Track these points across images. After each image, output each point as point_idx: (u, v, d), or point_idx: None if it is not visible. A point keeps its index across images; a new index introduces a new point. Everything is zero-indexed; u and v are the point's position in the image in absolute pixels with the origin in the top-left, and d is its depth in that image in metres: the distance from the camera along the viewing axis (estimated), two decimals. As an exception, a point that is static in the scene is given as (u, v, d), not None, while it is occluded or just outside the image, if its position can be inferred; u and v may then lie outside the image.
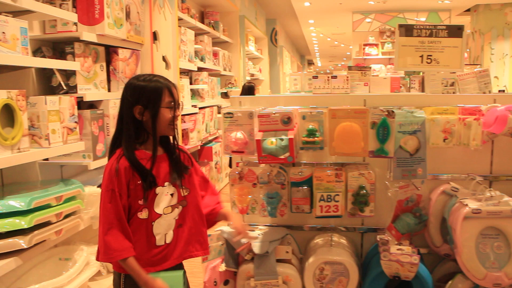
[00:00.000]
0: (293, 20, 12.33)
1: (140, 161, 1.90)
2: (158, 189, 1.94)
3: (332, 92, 3.73)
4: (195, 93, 6.10)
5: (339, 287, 2.37)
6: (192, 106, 5.73)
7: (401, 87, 4.58)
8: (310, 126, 2.30)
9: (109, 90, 3.67)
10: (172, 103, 1.93)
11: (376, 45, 10.69)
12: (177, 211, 2.00)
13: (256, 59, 9.90)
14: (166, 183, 1.96)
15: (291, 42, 17.61)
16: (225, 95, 7.47)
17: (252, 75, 9.21)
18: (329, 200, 2.33)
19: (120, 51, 3.73)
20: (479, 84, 2.57)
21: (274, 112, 2.29)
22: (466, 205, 2.21)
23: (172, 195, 1.98)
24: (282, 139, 2.22)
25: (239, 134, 2.35)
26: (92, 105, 3.43)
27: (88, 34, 3.23)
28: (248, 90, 6.66)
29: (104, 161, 3.39)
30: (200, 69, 6.14)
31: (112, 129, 3.48)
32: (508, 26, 9.88)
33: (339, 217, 2.38)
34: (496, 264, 2.23)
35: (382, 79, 4.34)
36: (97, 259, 1.90)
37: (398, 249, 2.27)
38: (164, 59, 4.78)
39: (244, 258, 2.39)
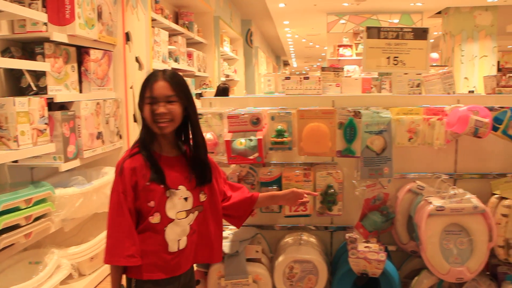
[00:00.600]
0: (268, 21, 12.38)
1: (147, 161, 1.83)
2: (170, 192, 1.84)
3: (305, 92, 3.79)
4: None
5: (309, 285, 2.40)
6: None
7: (372, 87, 4.66)
8: (279, 127, 2.34)
9: (80, 91, 3.64)
10: (151, 99, 1.80)
11: (350, 46, 10.81)
12: (192, 216, 1.91)
13: (231, 60, 9.90)
14: (180, 187, 1.87)
15: (267, 43, 17.67)
16: (199, 96, 7.46)
17: (227, 76, 9.21)
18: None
19: (91, 51, 3.70)
20: (443, 85, 2.64)
21: (243, 113, 2.32)
22: (431, 202, 2.28)
23: (186, 199, 1.88)
24: (251, 140, 2.25)
25: (208, 135, 2.37)
26: (63, 106, 3.39)
27: (58, 34, 3.19)
28: (223, 91, 6.65)
29: (75, 163, 3.36)
30: (174, 70, 6.11)
31: (84, 131, 3.46)
32: (477, 28, 10.13)
33: (308, 216, 2.42)
34: (459, 259, 2.31)
35: (354, 80, 4.41)
36: (104, 261, 1.85)
37: (365, 247, 2.31)
38: (137, 60, 4.75)
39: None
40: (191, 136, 1.96)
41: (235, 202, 2.08)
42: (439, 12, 10.86)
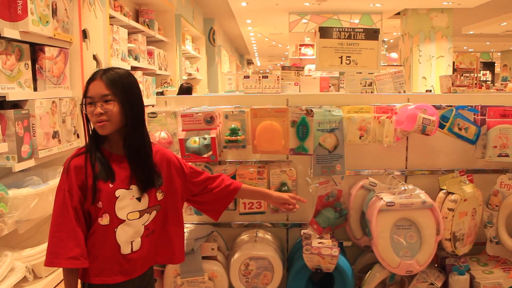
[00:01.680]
0: (231, 20, 12.37)
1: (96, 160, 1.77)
2: (119, 192, 1.78)
3: (264, 91, 3.82)
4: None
5: (264, 281, 2.43)
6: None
7: (330, 86, 4.73)
8: (233, 125, 2.35)
9: (35, 89, 3.55)
10: (89, 99, 1.75)
11: (312, 45, 10.92)
12: (147, 216, 1.85)
13: (194, 59, 9.85)
14: (132, 186, 1.80)
15: (230, 42, 17.65)
16: (161, 94, 7.40)
17: (190, 74, 9.16)
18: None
19: (46, 49, 3.62)
20: (394, 84, 2.72)
21: (197, 111, 2.32)
22: (381, 198, 2.35)
23: (139, 199, 1.82)
24: (205, 138, 2.26)
25: (163, 134, 2.37)
26: (16, 104, 3.31)
27: (10, 30, 3.10)
28: (186, 90, 6.58)
29: (30, 163, 3.28)
30: (134, 68, 6.04)
31: (39, 130, 3.38)
32: (434, 29, 10.43)
33: (263, 213, 2.45)
34: (408, 253, 2.38)
35: (312, 79, 4.47)
36: (44, 264, 1.75)
37: (319, 243, 2.36)
38: (95, 57, 4.68)
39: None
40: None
41: (212, 194, 2.05)
42: (398, 13, 11.13)
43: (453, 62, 11.11)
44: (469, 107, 2.55)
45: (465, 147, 2.64)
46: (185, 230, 2.46)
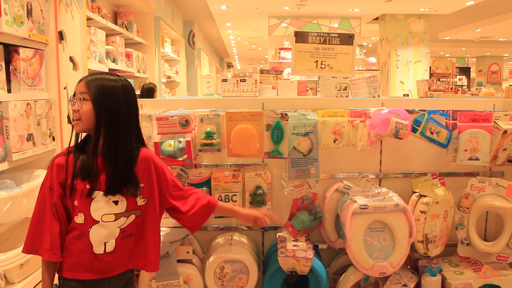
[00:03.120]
0: (211, 23, 12.36)
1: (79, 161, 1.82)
2: (96, 193, 1.80)
3: (241, 95, 3.82)
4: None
5: (239, 285, 2.44)
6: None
7: (308, 90, 4.77)
8: (208, 129, 2.36)
9: (9, 91, 3.49)
10: (75, 96, 1.83)
11: (291, 49, 10.99)
12: (124, 220, 1.85)
13: (173, 61, 9.80)
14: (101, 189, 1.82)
15: (210, 45, 17.62)
16: (139, 97, 7.34)
17: (169, 77, 9.12)
18: (227, 200, 2.41)
19: (21, 50, 3.56)
20: (369, 88, 2.76)
21: (172, 115, 2.32)
22: (355, 201, 2.38)
23: (116, 202, 1.83)
24: (180, 142, 2.26)
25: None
26: (-11, 107, 3.25)
27: (-18, 31, 3.06)
28: (147, 92, 6.35)
29: (3, 166, 3.22)
30: (112, 71, 5.99)
31: (12, 132, 3.32)
32: (411, 35, 10.59)
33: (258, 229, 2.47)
34: (382, 255, 2.42)
35: (290, 82, 4.50)
36: (22, 250, 1.88)
37: (294, 245, 2.38)
38: (71, 59, 4.63)
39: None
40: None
41: (191, 214, 2.00)
42: (377, 18, 11.27)
43: (430, 67, 11.29)
44: (441, 111, 2.60)
45: (438, 151, 2.69)
46: (161, 233, 2.46)
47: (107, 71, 5.70)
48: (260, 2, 9.33)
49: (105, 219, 1.82)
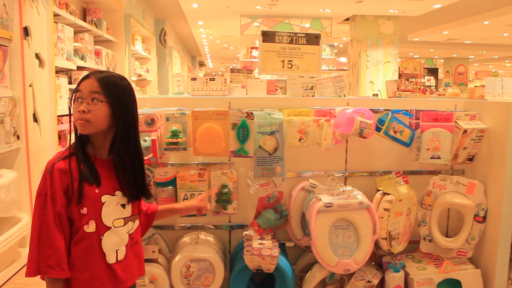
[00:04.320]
0: (183, 21, 12.29)
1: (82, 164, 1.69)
2: (105, 198, 1.71)
3: (210, 93, 3.82)
4: (74, 93, 5.85)
5: (206, 283, 2.44)
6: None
7: (277, 89, 4.80)
8: (174, 128, 2.35)
9: (-29, 88, 3.41)
10: (79, 93, 1.67)
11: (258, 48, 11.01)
12: (131, 225, 1.80)
13: (144, 59, 9.70)
14: (117, 192, 1.75)
15: (182, 43, 17.51)
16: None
17: (139, 75, 9.03)
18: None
19: (-17, 46, 3.49)
20: (335, 88, 2.79)
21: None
22: (320, 199, 2.41)
23: (124, 206, 1.77)
24: (145, 140, 2.25)
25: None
26: (-51, 104, 3.17)
27: None
28: None
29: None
30: (80, 68, 5.90)
31: (-26, 130, 3.25)
32: (381, 36, 10.76)
33: (204, 215, 2.46)
34: (346, 252, 2.46)
35: (259, 81, 4.51)
36: (25, 274, 1.64)
37: (260, 244, 2.40)
38: (37, 56, 4.54)
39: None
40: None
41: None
42: (347, 19, 11.41)
43: (398, 68, 11.50)
44: (404, 111, 2.66)
45: (402, 150, 2.74)
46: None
47: (75, 68, 5.62)
48: (232, 1, 9.33)
49: (116, 224, 1.75)
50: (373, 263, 2.72)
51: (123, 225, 1.77)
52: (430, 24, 12.50)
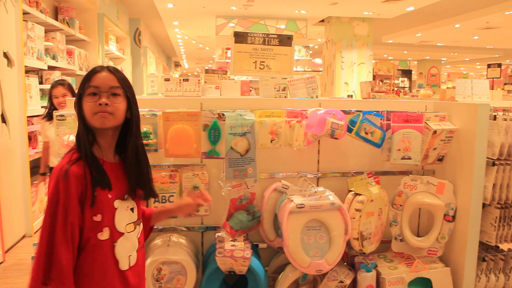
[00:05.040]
0: (158, 21, 12.20)
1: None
2: (117, 203, 1.64)
3: (184, 94, 3.79)
4: (46, 94, 5.74)
5: (178, 286, 2.42)
6: (42, 107, 5.39)
7: (251, 90, 4.80)
8: (144, 129, 2.32)
9: None
10: (95, 88, 1.59)
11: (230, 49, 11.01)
12: (138, 229, 1.74)
13: (118, 59, 9.61)
14: (126, 196, 1.68)
15: (157, 43, 17.37)
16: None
17: (114, 75, 8.92)
18: (163, 201, 2.38)
19: None
20: (307, 89, 2.80)
21: (107, 114, 2.27)
22: (292, 200, 2.41)
23: (132, 210, 1.70)
24: (115, 142, 2.21)
25: (72, 137, 2.29)
26: None
27: None
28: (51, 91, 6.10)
29: None
30: (51, 68, 5.80)
31: None
32: (355, 37, 10.88)
33: (175, 217, 2.44)
34: (318, 253, 2.46)
35: (233, 82, 4.50)
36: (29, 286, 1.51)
37: (232, 245, 2.38)
38: (5, 55, 4.44)
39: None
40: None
41: None
42: (323, 21, 11.50)
43: (373, 69, 11.64)
44: (375, 112, 2.68)
45: (373, 151, 2.77)
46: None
47: (46, 68, 5.51)
48: (207, 1, 9.30)
49: (128, 229, 1.69)
50: (345, 263, 2.73)
51: (133, 230, 1.71)
52: (403, 26, 12.70)
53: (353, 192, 2.61)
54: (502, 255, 2.82)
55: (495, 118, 2.69)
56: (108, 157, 1.68)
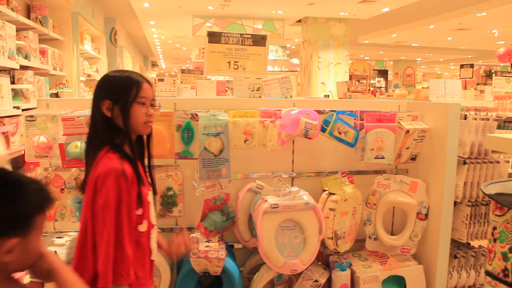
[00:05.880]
0: (134, 21, 12.06)
1: None
2: (149, 197, 1.81)
3: (159, 94, 3.75)
4: (18, 94, 5.63)
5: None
6: (14, 107, 5.27)
7: (227, 90, 4.78)
8: (116, 129, 2.29)
9: None
10: (144, 99, 1.75)
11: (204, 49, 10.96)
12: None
13: (93, 59, 9.45)
14: (149, 191, 1.84)
15: (133, 43, 17.17)
16: (55, 96, 7.01)
17: (89, 75, 8.79)
18: (137, 202, 2.35)
19: None
20: (281, 89, 2.81)
21: (78, 115, 2.24)
22: (266, 201, 2.41)
23: (154, 204, 1.89)
24: (86, 143, 2.18)
25: (42, 138, 2.25)
26: None
27: None
28: None
29: None
30: (24, 68, 5.68)
31: None
32: (332, 37, 10.95)
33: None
34: (293, 253, 2.47)
35: (209, 82, 4.48)
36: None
37: (206, 246, 2.38)
38: (-25, 55, 4.33)
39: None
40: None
41: None
42: (300, 21, 11.54)
43: (349, 69, 11.74)
44: (348, 112, 2.70)
45: (347, 150, 2.79)
46: (68, 238, 2.37)
47: (18, 67, 5.40)
48: (184, 1, 9.25)
49: (155, 221, 1.88)
50: (320, 263, 2.75)
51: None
52: (379, 27, 12.84)
53: (327, 191, 2.62)
54: (473, 252, 2.87)
55: (465, 117, 2.74)
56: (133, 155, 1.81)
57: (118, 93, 1.71)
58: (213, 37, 2.65)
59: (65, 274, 1.31)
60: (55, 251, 2.21)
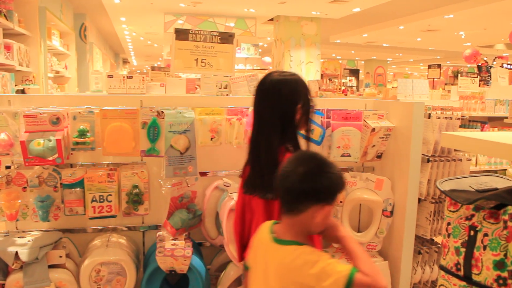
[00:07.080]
0: (104, 17, 11.89)
1: None
2: None
3: (128, 91, 3.69)
4: (-19, 90, 5.48)
5: (117, 287, 2.37)
6: (-23, 104, 5.13)
7: (197, 87, 4.77)
8: (81, 127, 2.26)
9: None
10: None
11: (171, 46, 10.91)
12: None
13: (62, 55, 9.27)
14: None
15: (104, 39, 16.90)
16: (22, 92, 6.85)
17: (57, 72, 8.62)
18: (101, 200, 2.33)
19: None
20: (249, 87, 2.81)
21: (41, 112, 2.19)
22: (233, 198, 2.41)
23: None
24: (50, 140, 2.14)
25: (2, 135, 2.20)
26: None
27: None
28: None
29: None
30: (-12, 63, 5.53)
31: None
32: (304, 36, 11.03)
33: (113, 217, 2.39)
34: (259, 250, 2.48)
35: (178, 80, 4.45)
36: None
37: (172, 244, 2.36)
38: None
39: (13, 268, 2.24)
40: None
41: None
42: (272, 19, 11.58)
43: (320, 68, 11.85)
44: (315, 110, 2.72)
45: (314, 148, 2.80)
46: (30, 238, 2.32)
47: None
48: (155, -3, 9.17)
49: None
50: (287, 260, 2.76)
51: None
52: (350, 26, 12.99)
53: (294, 189, 2.63)
54: (436, 248, 2.93)
55: (429, 116, 2.80)
56: None
57: (306, 95, 1.95)
58: (181, 34, 2.63)
59: (352, 242, 1.63)
60: (16, 252, 2.16)
